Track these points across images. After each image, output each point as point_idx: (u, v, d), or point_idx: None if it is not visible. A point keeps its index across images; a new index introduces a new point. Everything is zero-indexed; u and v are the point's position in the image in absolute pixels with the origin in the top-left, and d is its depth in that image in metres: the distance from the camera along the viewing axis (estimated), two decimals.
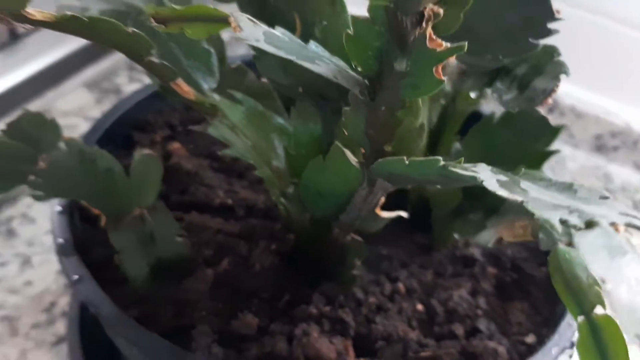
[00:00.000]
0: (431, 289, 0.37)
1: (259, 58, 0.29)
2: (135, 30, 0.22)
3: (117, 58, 0.72)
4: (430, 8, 0.17)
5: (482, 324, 0.36)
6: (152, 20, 0.21)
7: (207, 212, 0.40)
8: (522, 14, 0.26)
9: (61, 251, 0.33)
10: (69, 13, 0.21)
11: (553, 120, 0.69)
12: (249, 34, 0.18)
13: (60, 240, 0.34)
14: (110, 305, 0.31)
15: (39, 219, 0.56)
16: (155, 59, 0.25)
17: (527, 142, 0.34)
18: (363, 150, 0.25)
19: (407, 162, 0.22)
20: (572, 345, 0.32)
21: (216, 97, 0.31)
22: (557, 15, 0.26)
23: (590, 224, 0.16)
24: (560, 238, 0.22)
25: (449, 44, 0.19)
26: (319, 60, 0.20)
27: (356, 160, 0.27)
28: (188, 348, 0.32)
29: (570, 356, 0.34)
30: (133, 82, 0.69)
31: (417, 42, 0.18)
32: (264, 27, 0.20)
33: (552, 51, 0.28)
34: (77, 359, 0.40)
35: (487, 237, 0.33)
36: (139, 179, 0.34)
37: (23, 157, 0.29)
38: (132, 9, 0.30)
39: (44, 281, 0.52)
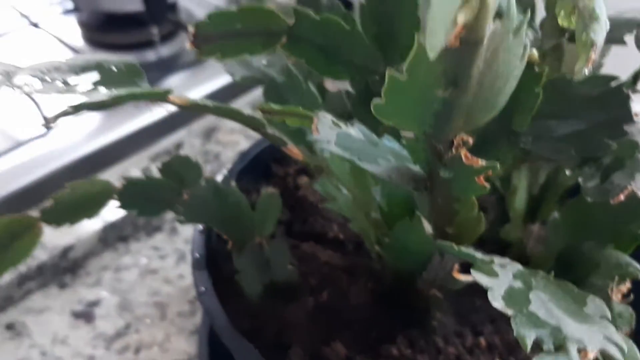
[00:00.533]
0: (513, 348, 0.39)
1: None
2: (250, 113, 0.28)
3: None
4: (460, 137, 0.20)
5: None
6: (261, 112, 0.26)
7: (320, 243, 0.46)
8: (600, 116, 0.27)
9: (195, 265, 0.41)
10: (199, 102, 0.27)
11: None
12: (324, 136, 0.23)
13: (197, 255, 0.41)
14: (223, 317, 0.37)
15: None
16: (269, 130, 0.31)
17: (621, 222, 0.35)
18: (431, 224, 0.29)
19: (456, 249, 0.25)
20: None
21: (327, 156, 0.36)
22: (635, 118, 0.27)
23: (559, 348, 0.18)
24: None
25: (484, 162, 0.21)
26: (383, 158, 0.23)
27: (431, 232, 0.30)
28: None
29: None
30: None
31: (454, 160, 0.21)
32: (342, 127, 0.24)
33: (634, 146, 0.29)
34: (203, 352, 0.47)
35: None
36: (262, 213, 0.40)
37: (172, 190, 0.37)
38: (266, 77, 0.36)
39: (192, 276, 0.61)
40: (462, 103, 0.19)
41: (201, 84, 0.78)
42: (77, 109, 0.23)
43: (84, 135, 0.69)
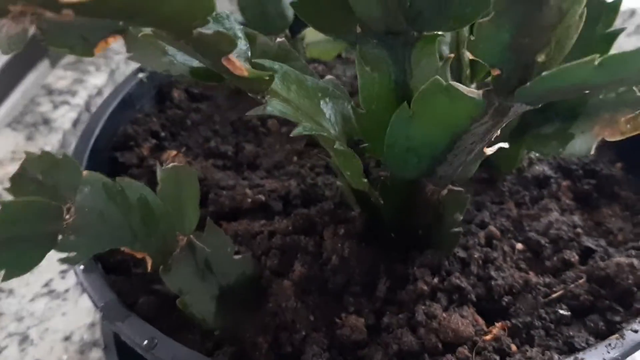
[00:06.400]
0: (522, 223, 0.33)
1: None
2: None
3: (27, 86, 0.62)
4: None
5: (590, 242, 0.32)
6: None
7: (241, 217, 0.34)
8: None
9: (105, 315, 0.26)
10: None
11: None
12: None
13: (102, 304, 0.27)
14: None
15: None
16: (207, 30, 0.19)
17: (585, 30, 0.30)
18: (497, 72, 0.20)
19: (596, 63, 0.17)
20: None
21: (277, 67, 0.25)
22: None
23: None
24: None
25: None
26: None
27: (477, 92, 0.22)
28: None
29: None
30: (60, 107, 0.59)
31: None
32: None
33: None
34: None
35: (583, 146, 0.29)
36: (174, 200, 0.27)
37: (42, 215, 0.22)
38: None
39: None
40: None
41: None
42: None
43: None
